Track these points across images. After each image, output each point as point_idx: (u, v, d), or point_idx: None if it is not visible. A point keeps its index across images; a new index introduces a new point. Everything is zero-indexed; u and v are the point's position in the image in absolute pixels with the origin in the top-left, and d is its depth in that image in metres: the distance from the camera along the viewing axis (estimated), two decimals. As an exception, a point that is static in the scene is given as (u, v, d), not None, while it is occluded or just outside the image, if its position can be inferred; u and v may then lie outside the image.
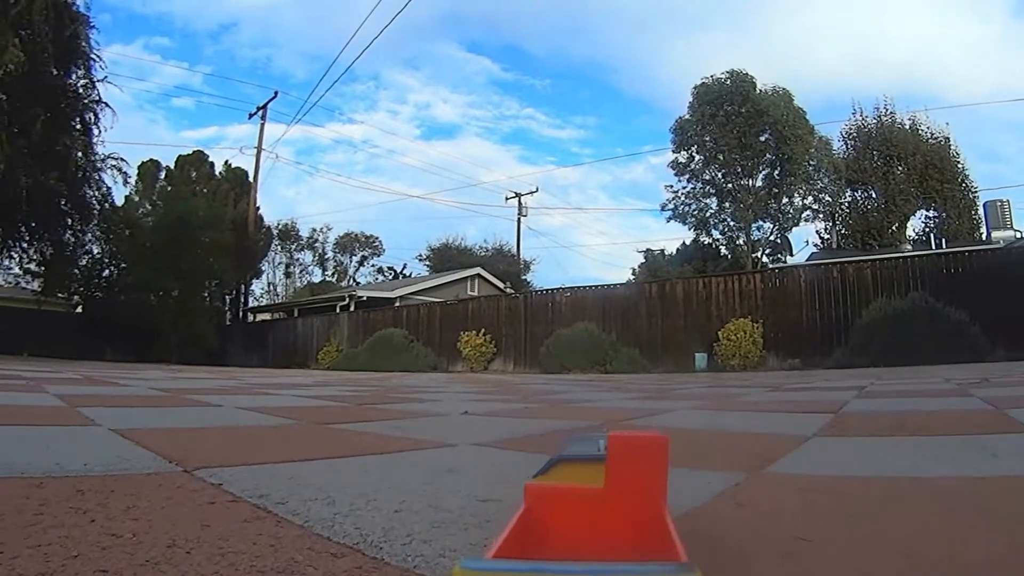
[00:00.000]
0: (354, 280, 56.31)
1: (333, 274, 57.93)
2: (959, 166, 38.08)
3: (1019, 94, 68.19)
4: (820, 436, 2.91)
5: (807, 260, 31.01)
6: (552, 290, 22.94)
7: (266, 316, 38.93)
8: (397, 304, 29.32)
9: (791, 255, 37.31)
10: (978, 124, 71.04)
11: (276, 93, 36.70)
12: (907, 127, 38.68)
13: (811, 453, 2.44)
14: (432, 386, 9.32)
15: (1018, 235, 28.72)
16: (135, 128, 73.13)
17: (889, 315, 15.57)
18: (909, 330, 14.89)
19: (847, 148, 39.68)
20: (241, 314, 38.40)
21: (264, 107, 36.10)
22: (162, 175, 40.01)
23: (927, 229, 37.38)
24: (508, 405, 5.28)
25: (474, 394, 7.08)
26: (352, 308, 29.81)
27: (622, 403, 5.56)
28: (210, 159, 41.06)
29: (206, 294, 34.31)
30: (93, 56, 25.68)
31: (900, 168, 37.31)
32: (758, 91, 36.09)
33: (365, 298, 31.30)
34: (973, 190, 37.84)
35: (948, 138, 38.37)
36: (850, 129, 40.10)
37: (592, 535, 0.88)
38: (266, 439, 2.89)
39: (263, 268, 46.20)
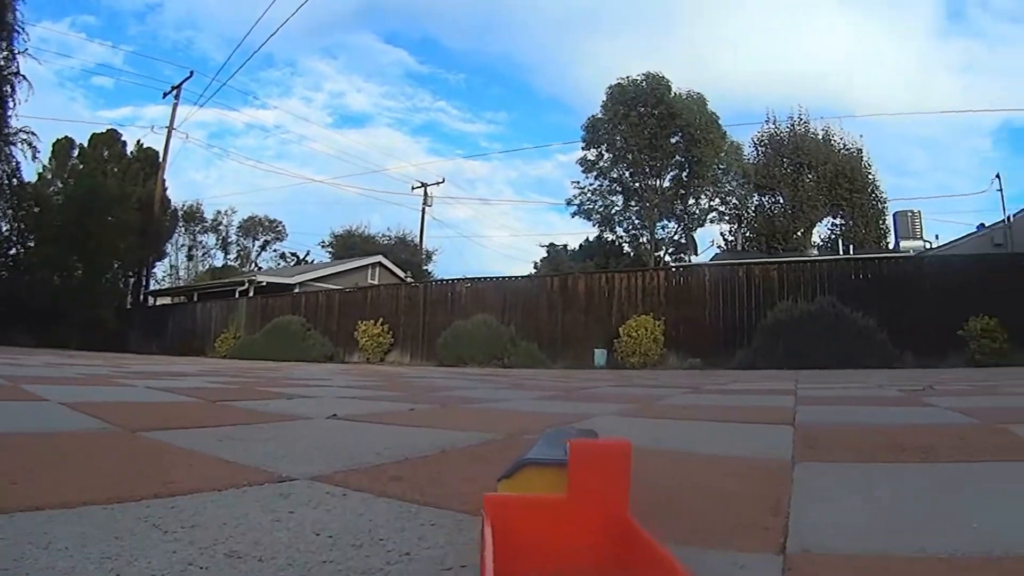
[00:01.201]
0: (256, 265, 54.64)
1: (237, 258, 55.98)
2: (870, 176, 39.28)
3: (932, 111, 72.76)
4: (806, 461, 2.09)
5: (711, 260, 31.18)
6: (452, 280, 22.42)
7: (167, 300, 37.41)
8: (296, 290, 28.72)
9: (696, 254, 37.75)
10: (889, 138, 74.77)
11: (191, 73, 36.91)
12: (820, 137, 39.77)
13: (829, 498, 1.59)
14: (317, 378, 8.27)
15: (927, 245, 29.42)
16: (55, 105, 69.03)
17: (795, 318, 15.62)
18: (815, 334, 14.95)
19: (758, 154, 40.60)
20: (142, 297, 36.63)
21: (179, 87, 35.48)
22: (75, 153, 37.70)
23: (833, 236, 38.30)
24: (392, 405, 4.33)
25: (357, 389, 6.09)
26: (251, 293, 29.12)
27: (528, 405, 4.66)
28: (123, 138, 39.22)
29: (108, 276, 33.12)
30: (17, 28, 25.22)
31: (810, 176, 38.30)
32: (673, 94, 36.32)
33: (264, 283, 30.70)
34: (882, 200, 39.22)
35: (860, 149, 39.75)
36: (762, 136, 41.16)
37: (559, 546, 0.84)
38: (26, 459, 1.89)
39: (167, 250, 44.13)
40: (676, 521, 1.30)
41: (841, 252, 29.72)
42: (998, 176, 30.32)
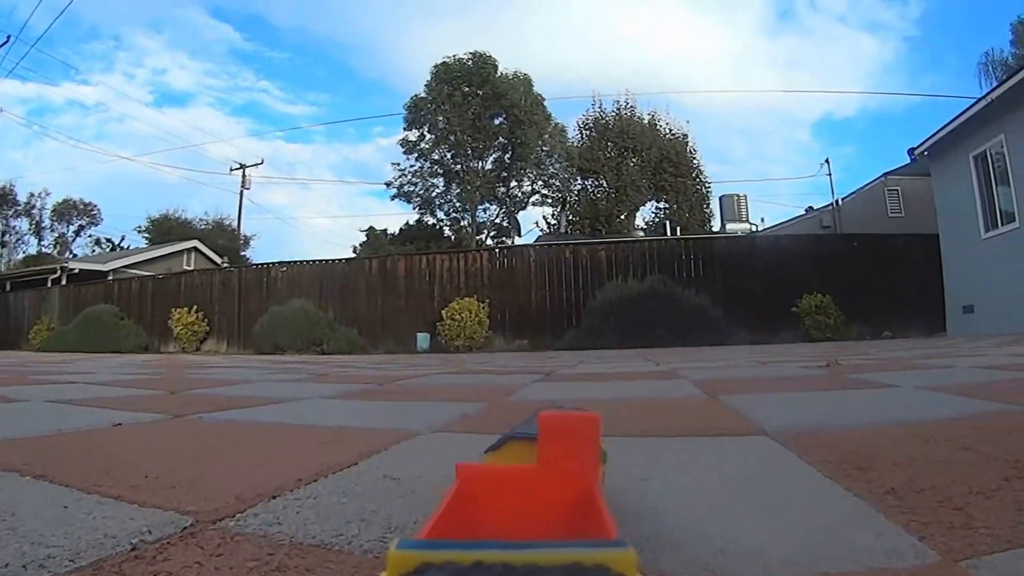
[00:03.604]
0: (71, 252, 50.32)
1: (55, 245, 51.60)
2: (694, 162, 40.45)
3: (752, 104, 79.38)
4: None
5: (535, 242, 30.86)
6: (268, 265, 21.03)
7: (-24, 292, 33.50)
8: (110, 278, 26.89)
9: (519, 236, 37.49)
10: (713, 130, 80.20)
11: (9, 38, 31.71)
12: (645, 121, 40.48)
13: None
14: (81, 372, 6.65)
15: (754, 228, 30.37)
16: None
17: (626, 297, 15.60)
18: (648, 312, 15.05)
19: (583, 137, 40.67)
20: (-49, 289, 32.33)
21: (-9, 51, 31.31)
22: None
23: (658, 219, 39.05)
24: (102, 416, 2.79)
25: (99, 387, 4.57)
26: (64, 282, 27.15)
27: (312, 413, 3.08)
28: (-64, 113, 33.95)
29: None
30: None
31: (634, 160, 38.77)
32: (499, 74, 35.87)
33: (77, 271, 28.91)
34: (706, 185, 40.63)
35: (686, 135, 40.90)
36: (588, 120, 41.12)
37: (525, 513, 0.83)
38: None
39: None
40: None
41: (668, 234, 30.06)
42: (827, 161, 31.82)
